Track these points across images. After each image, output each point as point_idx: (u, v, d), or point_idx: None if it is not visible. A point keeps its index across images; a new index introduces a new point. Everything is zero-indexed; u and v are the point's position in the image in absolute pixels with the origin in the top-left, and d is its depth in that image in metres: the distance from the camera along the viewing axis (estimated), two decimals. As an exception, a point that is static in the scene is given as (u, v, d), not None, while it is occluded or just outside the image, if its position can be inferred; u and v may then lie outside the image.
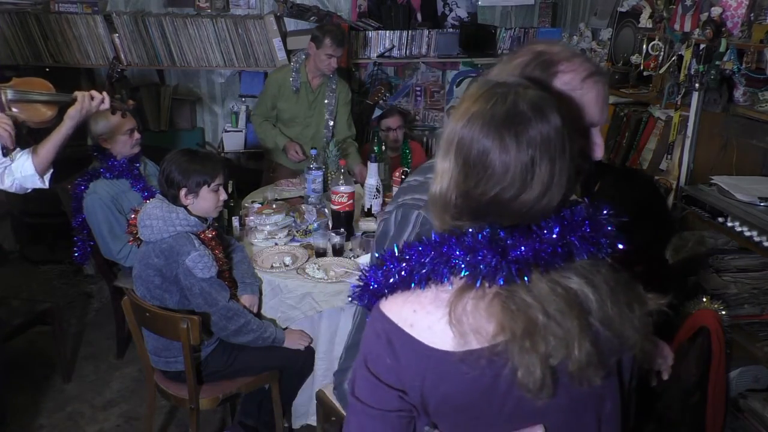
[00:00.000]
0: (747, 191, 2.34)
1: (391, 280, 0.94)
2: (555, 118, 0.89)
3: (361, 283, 0.99)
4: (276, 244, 2.72)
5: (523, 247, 0.88)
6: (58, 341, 3.10)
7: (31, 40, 4.02)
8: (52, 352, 3.16)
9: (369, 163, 2.93)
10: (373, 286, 0.96)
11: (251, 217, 2.84)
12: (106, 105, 2.43)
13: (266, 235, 2.75)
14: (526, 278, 0.88)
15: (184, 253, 2.21)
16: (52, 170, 2.53)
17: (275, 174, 3.76)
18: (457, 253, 0.89)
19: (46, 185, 2.54)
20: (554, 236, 0.89)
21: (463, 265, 0.88)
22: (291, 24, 4.42)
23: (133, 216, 2.38)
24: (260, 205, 2.97)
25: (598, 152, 1.18)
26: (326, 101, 3.67)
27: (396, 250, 0.96)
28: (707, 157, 2.59)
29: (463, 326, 0.88)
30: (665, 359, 1.43)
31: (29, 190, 2.53)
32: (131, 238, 2.40)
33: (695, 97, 2.52)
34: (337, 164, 3.22)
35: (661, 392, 2.19)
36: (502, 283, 0.88)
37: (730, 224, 2.31)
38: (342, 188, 2.78)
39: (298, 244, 2.73)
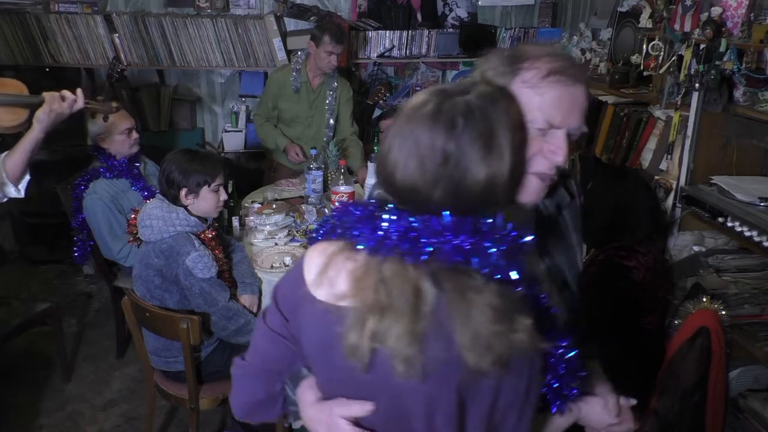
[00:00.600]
0: (747, 191, 2.34)
1: (321, 231, 1.07)
2: (463, 130, 0.91)
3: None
4: (276, 244, 2.72)
5: (394, 229, 0.93)
6: (58, 341, 3.10)
7: (31, 40, 4.02)
8: (52, 352, 3.17)
9: (369, 163, 2.93)
10: (317, 236, 1.08)
11: (251, 217, 2.84)
12: (80, 105, 2.23)
13: (266, 235, 2.75)
14: (381, 256, 0.93)
15: (184, 253, 2.21)
16: (28, 178, 2.32)
17: (276, 174, 3.76)
18: (352, 218, 0.98)
19: (22, 194, 2.32)
20: (423, 230, 0.92)
21: (345, 229, 0.99)
22: (291, 24, 4.42)
23: (133, 216, 2.38)
24: (260, 205, 2.98)
25: (555, 157, 1.08)
26: (327, 100, 3.67)
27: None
28: (707, 157, 2.59)
29: (324, 277, 0.98)
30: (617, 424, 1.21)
31: (5, 200, 2.32)
32: (131, 238, 2.40)
33: (695, 97, 2.52)
34: (337, 164, 3.22)
35: (661, 392, 2.19)
36: (360, 248, 0.95)
37: (730, 224, 2.30)
38: (342, 188, 2.78)
39: (298, 244, 2.73)
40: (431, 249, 0.91)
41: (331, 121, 3.70)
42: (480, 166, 0.91)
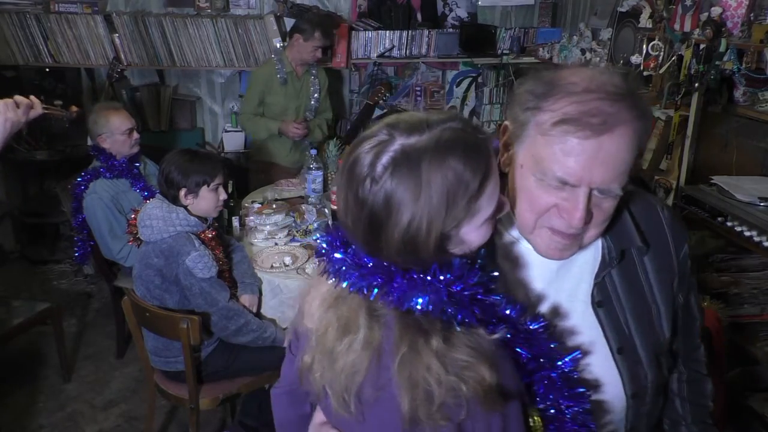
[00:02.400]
0: (747, 191, 2.34)
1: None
2: (388, 176, 0.85)
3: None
4: (276, 244, 2.72)
5: (351, 261, 0.91)
6: (58, 341, 3.10)
7: (31, 40, 4.02)
8: (52, 352, 3.16)
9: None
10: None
11: (251, 217, 2.84)
12: (38, 111, 2.02)
13: (266, 235, 2.75)
14: (339, 285, 0.91)
15: (184, 253, 2.21)
16: None
17: (267, 175, 3.77)
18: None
19: None
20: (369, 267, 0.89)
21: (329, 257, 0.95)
22: (291, 24, 4.41)
23: (133, 216, 2.38)
24: (260, 205, 2.97)
25: (569, 219, 0.96)
26: (311, 87, 3.76)
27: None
28: (707, 157, 2.59)
29: (304, 302, 1.00)
30: None
31: None
32: (131, 238, 2.40)
33: (695, 97, 2.52)
34: (336, 164, 3.22)
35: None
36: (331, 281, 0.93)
37: (730, 224, 2.30)
38: (342, 188, 2.78)
39: (298, 244, 2.73)
40: (376, 288, 0.88)
41: (312, 102, 3.78)
42: (398, 216, 0.84)
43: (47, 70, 4.09)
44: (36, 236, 4.29)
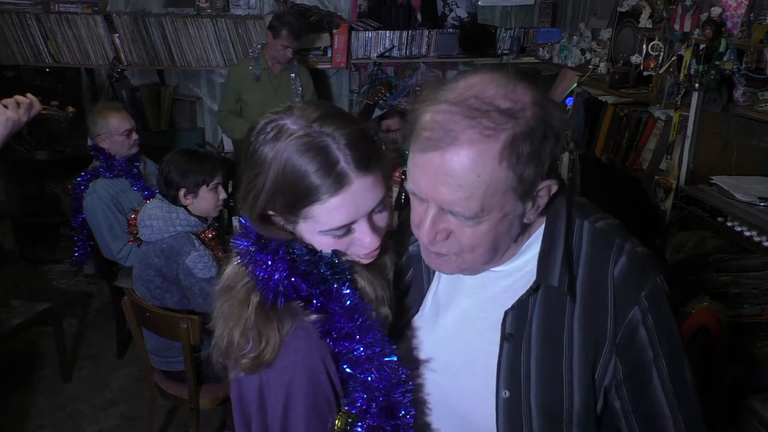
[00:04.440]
0: (747, 191, 2.34)
1: None
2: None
3: None
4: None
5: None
6: (58, 341, 3.10)
7: (31, 40, 4.02)
8: (52, 352, 3.16)
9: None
10: None
11: (251, 217, 2.83)
12: (36, 109, 2.03)
13: (266, 235, 2.74)
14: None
15: (184, 253, 2.21)
16: None
17: None
18: None
19: None
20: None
21: None
22: (291, 24, 4.42)
23: (133, 216, 2.38)
24: (260, 205, 2.97)
25: (420, 234, 0.93)
26: (292, 85, 3.78)
27: None
28: (707, 157, 2.58)
29: None
30: None
31: None
32: (131, 238, 2.40)
33: (695, 97, 2.52)
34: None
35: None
36: None
37: (730, 224, 2.30)
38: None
39: (298, 244, 2.73)
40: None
41: (297, 101, 3.75)
42: (249, 173, 0.98)
43: (47, 70, 4.09)
44: (36, 236, 4.29)
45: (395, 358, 0.97)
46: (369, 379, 0.95)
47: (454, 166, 0.84)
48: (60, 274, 4.15)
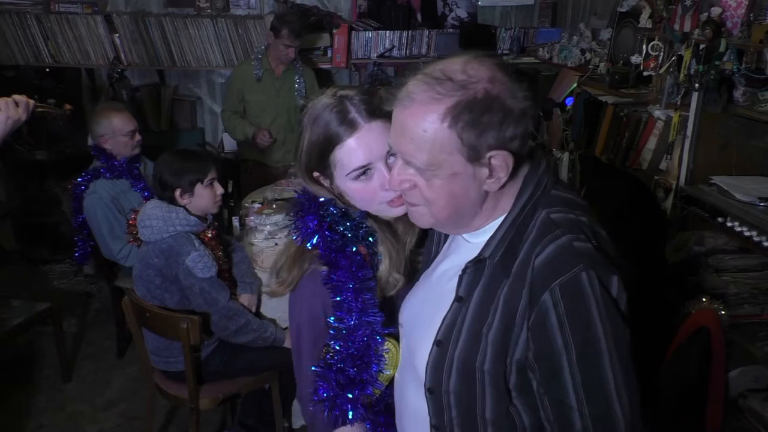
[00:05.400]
0: (747, 191, 2.34)
1: None
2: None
3: None
4: (276, 244, 2.72)
5: None
6: (58, 341, 3.10)
7: (31, 40, 4.02)
8: (52, 352, 3.16)
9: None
10: None
11: (251, 217, 2.84)
12: (31, 106, 2.02)
13: (266, 235, 2.75)
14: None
15: (184, 253, 2.21)
16: None
17: (252, 175, 3.79)
18: None
19: None
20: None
21: None
22: (291, 24, 4.41)
23: (132, 217, 2.38)
24: (260, 205, 2.97)
25: (390, 181, 1.12)
26: (296, 86, 3.76)
27: None
28: (707, 157, 2.58)
29: None
30: None
31: None
32: (131, 239, 2.40)
33: (695, 97, 2.52)
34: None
35: (661, 392, 2.19)
36: None
37: (730, 224, 2.30)
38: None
39: (298, 244, 2.73)
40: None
41: (300, 102, 3.75)
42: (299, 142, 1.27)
43: (47, 70, 4.09)
44: (36, 236, 4.29)
45: (379, 319, 1.20)
46: (348, 329, 1.19)
47: (408, 121, 1.01)
48: (60, 274, 4.15)
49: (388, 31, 4.41)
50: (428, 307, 1.17)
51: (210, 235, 2.36)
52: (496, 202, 1.08)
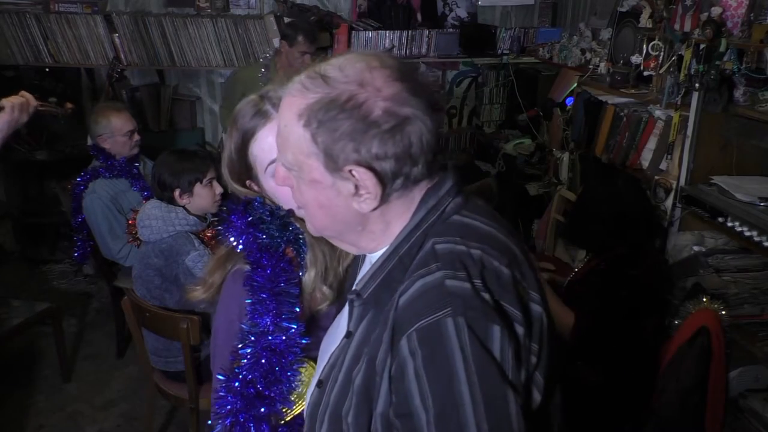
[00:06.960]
0: (747, 191, 2.34)
1: None
2: None
3: None
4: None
5: None
6: (58, 341, 3.10)
7: (31, 40, 4.02)
8: (52, 352, 3.16)
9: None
10: None
11: (251, 217, 2.83)
12: (33, 106, 2.10)
13: (266, 235, 2.74)
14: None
15: (183, 252, 2.21)
16: None
17: None
18: None
19: None
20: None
21: None
22: (291, 24, 4.42)
23: (132, 216, 2.38)
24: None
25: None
26: None
27: None
28: (707, 157, 2.58)
29: None
30: None
31: None
32: (131, 238, 2.40)
33: (695, 97, 2.52)
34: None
35: (661, 392, 2.19)
36: None
37: (730, 224, 2.30)
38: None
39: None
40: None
41: None
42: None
43: (47, 70, 4.09)
44: (36, 236, 4.29)
45: (296, 328, 1.12)
46: (258, 334, 1.12)
47: (284, 121, 0.91)
48: (60, 274, 4.16)
49: (388, 31, 4.41)
50: (330, 338, 1.05)
51: (210, 234, 2.36)
52: (385, 224, 0.92)
